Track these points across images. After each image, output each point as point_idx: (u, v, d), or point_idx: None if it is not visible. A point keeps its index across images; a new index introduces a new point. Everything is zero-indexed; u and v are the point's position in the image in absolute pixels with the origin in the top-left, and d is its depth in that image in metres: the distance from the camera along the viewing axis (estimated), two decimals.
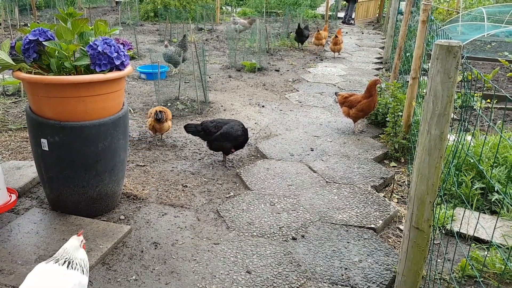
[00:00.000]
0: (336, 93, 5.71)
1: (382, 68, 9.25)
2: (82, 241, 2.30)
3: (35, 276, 2.12)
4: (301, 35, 10.66)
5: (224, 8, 17.50)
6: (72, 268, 2.16)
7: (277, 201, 3.71)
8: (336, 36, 9.97)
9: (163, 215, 3.44)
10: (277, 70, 8.71)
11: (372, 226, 3.39)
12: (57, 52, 2.98)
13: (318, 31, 10.34)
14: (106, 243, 2.98)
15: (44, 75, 3.00)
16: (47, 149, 3.05)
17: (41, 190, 3.66)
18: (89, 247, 2.92)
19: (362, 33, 14.22)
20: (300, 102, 6.67)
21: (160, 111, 4.57)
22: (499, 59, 8.10)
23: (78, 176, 3.14)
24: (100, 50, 2.91)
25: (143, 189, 3.82)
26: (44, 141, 3.03)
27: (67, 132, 2.99)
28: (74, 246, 2.24)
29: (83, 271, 2.20)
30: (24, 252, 2.87)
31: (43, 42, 2.93)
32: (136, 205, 3.56)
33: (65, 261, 2.17)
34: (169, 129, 4.83)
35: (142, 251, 2.98)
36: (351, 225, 3.40)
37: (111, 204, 3.45)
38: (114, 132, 3.17)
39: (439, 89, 2.03)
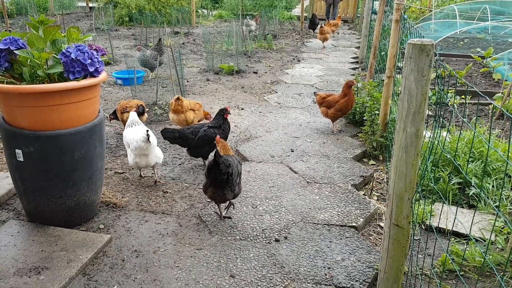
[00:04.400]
0: (314, 93, 5.75)
1: (358, 68, 9.36)
2: (135, 112, 4.24)
3: (130, 130, 3.96)
4: (313, 23, 13.17)
5: (200, 11, 17.44)
6: (141, 125, 4.01)
7: (259, 203, 3.71)
8: (321, 26, 11.47)
9: (144, 222, 3.40)
10: (255, 72, 8.72)
11: (354, 224, 3.42)
12: (29, 60, 2.92)
13: (322, 26, 11.68)
14: (86, 253, 2.92)
15: (17, 84, 2.94)
16: (22, 160, 2.98)
17: (17, 202, 3.58)
18: (68, 258, 2.86)
19: (338, 33, 14.36)
20: (279, 104, 6.69)
21: (141, 105, 4.97)
22: (472, 55, 8.28)
23: (54, 186, 3.08)
24: (73, 57, 2.86)
25: (122, 197, 3.77)
26: (19, 152, 2.96)
27: (42, 141, 2.93)
28: (135, 116, 4.13)
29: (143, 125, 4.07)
30: (2, 265, 2.79)
31: (15, 51, 2.87)
32: (116, 213, 3.51)
33: (136, 124, 4.02)
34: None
35: (123, 260, 2.94)
36: (333, 225, 3.42)
37: (90, 214, 3.39)
38: (90, 140, 3.12)
39: (413, 87, 2.06)
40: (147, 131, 3.72)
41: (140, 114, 4.89)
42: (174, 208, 3.62)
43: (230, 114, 4.40)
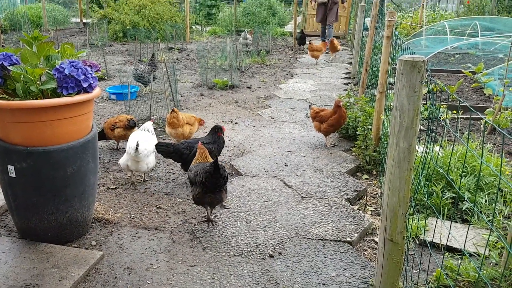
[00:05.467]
0: (309, 106, 5.82)
1: (350, 83, 9.43)
2: (152, 123, 4.62)
3: (137, 133, 4.38)
4: (303, 39, 13.65)
5: (194, 27, 17.55)
6: (150, 133, 4.44)
7: (253, 219, 3.69)
8: (310, 42, 11.67)
9: (136, 238, 3.37)
10: (249, 87, 8.77)
11: (348, 239, 3.41)
12: (22, 76, 2.92)
13: (310, 42, 11.84)
14: (78, 271, 2.88)
15: (10, 100, 2.93)
16: (15, 176, 2.96)
17: (9, 218, 3.53)
18: (60, 275, 2.83)
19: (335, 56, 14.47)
20: (273, 118, 6.72)
21: (131, 119, 5.03)
22: (463, 70, 8.38)
23: (47, 202, 3.05)
24: (67, 73, 2.87)
25: (115, 213, 3.74)
26: (11, 168, 2.94)
27: (35, 157, 2.91)
28: (149, 124, 4.53)
29: (154, 134, 4.52)
30: None
31: (8, 67, 2.87)
32: (108, 230, 3.48)
33: (146, 130, 4.44)
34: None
35: (115, 277, 2.90)
36: (327, 240, 3.41)
37: (82, 230, 3.35)
38: (83, 155, 3.11)
39: (405, 103, 2.08)
40: (137, 141, 4.01)
41: (131, 127, 4.95)
42: (167, 224, 3.60)
43: (223, 134, 4.44)
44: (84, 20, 18.87)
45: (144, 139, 4.15)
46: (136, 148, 3.97)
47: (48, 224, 3.12)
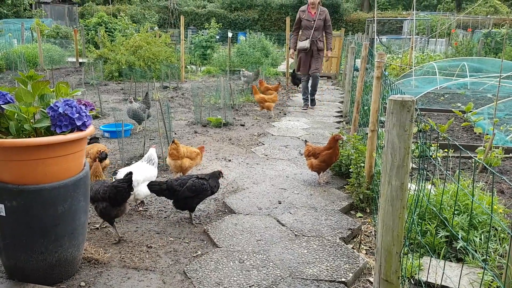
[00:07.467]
0: (305, 141, 5.90)
1: (342, 121, 9.55)
2: (155, 150, 4.73)
3: (136, 165, 4.54)
4: (295, 78, 13.49)
5: (188, 67, 17.85)
6: (152, 165, 4.57)
7: (246, 258, 3.63)
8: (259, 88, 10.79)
9: (126, 279, 3.29)
10: (243, 125, 8.84)
11: (343, 279, 3.36)
12: (16, 114, 2.94)
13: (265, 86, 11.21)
14: None
15: (2, 138, 2.93)
16: (4, 215, 2.92)
17: None
18: None
19: (322, 89, 14.76)
20: (266, 155, 6.74)
21: (103, 151, 4.92)
22: (453, 110, 8.54)
23: (36, 241, 3.00)
24: (61, 112, 2.89)
25: (104, 253, 3.66)
26: (1, 206, 2.90)
27: (25, 196, 2.88)
28: (154, 153, 4.62)
29: (156, 167, 4.65)
30: None
31: (2, 105, 2.89)
32: (98, 270, 3.40)
33: (146, 160, 4.57)
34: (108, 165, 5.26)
35: None
36: (322, 280, 3.35)
37: (71, 270, 3.28)
38: (74, 194, 3.08)
39: (396, 141, 2.11)
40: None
41: (103, 159, 4.82)
42: (158, 264, 3.53)
43: (222, 177, 4.61)
44: (80, 60, 19.16)
45: (132, 169, 4.17)
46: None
47: (37, 264, 3.05)
